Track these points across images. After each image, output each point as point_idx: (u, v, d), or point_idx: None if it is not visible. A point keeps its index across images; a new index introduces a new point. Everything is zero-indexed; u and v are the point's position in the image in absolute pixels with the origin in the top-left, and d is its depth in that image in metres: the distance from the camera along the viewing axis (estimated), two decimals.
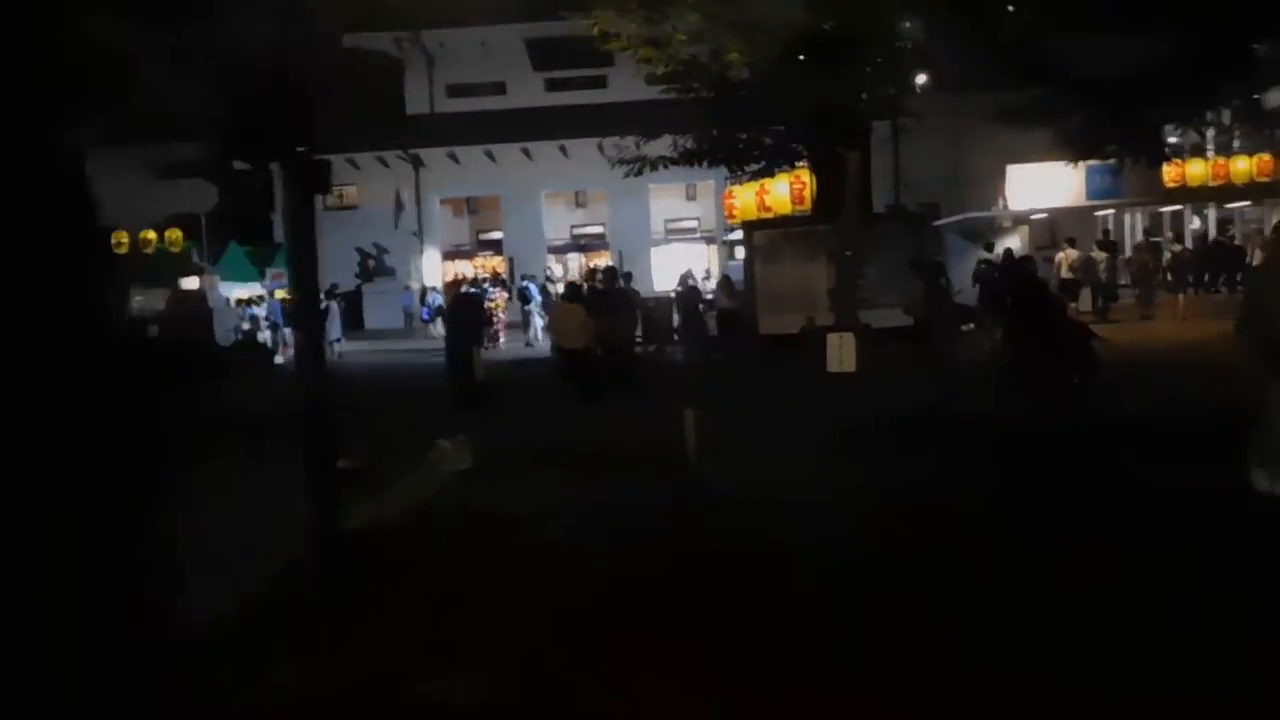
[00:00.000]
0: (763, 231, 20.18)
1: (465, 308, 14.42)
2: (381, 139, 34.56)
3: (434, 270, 35.91)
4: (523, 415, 13.42)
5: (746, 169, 20.60)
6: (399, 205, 33.46)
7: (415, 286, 32.92)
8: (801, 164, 20.65)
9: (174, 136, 36.04)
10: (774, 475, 9.01)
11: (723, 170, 33.15)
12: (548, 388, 15.99)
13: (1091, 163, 25.48)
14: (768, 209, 20.92)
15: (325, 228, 34.84)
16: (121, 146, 36.01)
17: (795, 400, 12.30)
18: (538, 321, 24.97)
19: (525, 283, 27.90)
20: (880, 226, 20.23)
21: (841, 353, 11.17)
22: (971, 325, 18.60)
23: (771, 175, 20.91)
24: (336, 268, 33.22)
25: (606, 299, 15.94)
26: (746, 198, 21.62)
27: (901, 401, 11.39)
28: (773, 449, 10.08)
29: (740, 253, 23.73)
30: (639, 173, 20.41)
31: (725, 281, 20.40)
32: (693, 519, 7.85)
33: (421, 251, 35.34)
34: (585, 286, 18.80)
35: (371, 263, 34.64)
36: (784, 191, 20.48)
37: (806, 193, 20.09)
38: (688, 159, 19.93)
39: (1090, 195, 26.07)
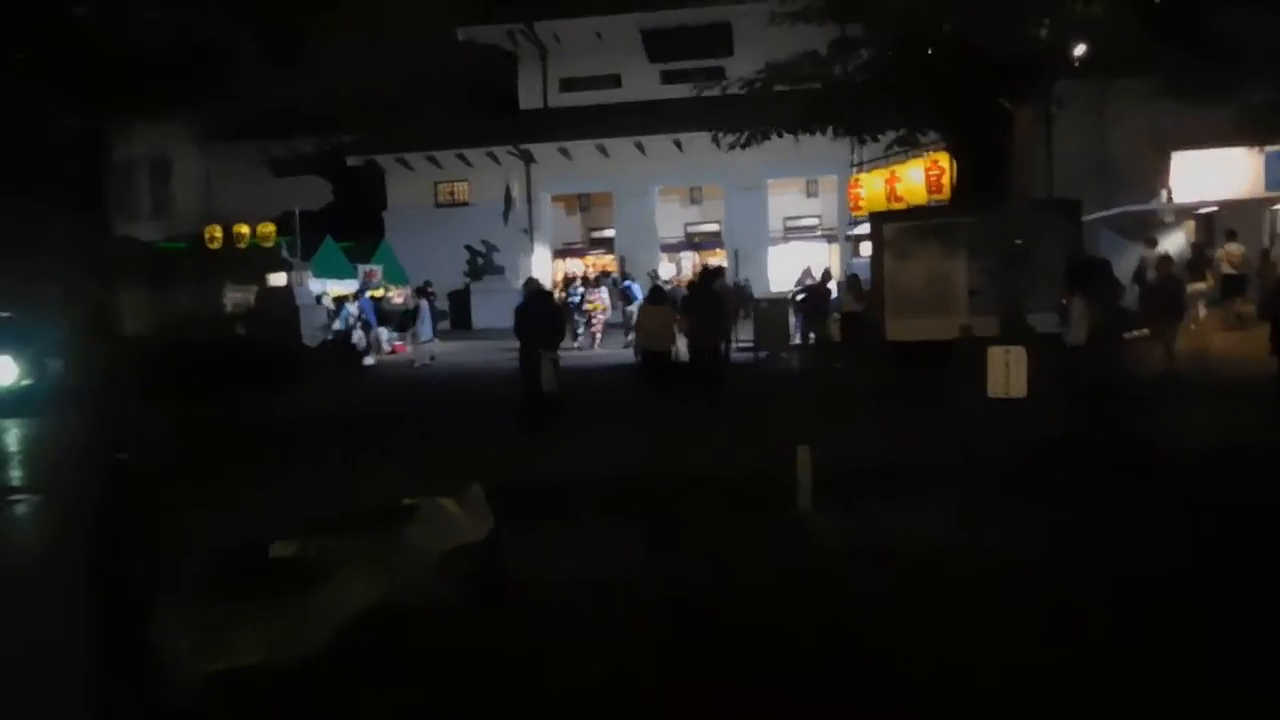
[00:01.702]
0: (894, 224, 17.27)
1: (534, 308, 12.01)
2: (494, 134, 32.75)
3: (544, 268, 33.82)
4: (590, 435, 11.00)
5: (880, 138, 17.67)
6: (509, 201, 31.39)
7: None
8: (937, 147, 17.77)
9: (291, 132, 35.29)
10: (928, 543, 6.40)
11: (846, 164, 30.77)
12: (632, 399, 13.60)
13: (1273, 148, 21.88)
14: (899, 198, 18.01)
15: (434, 224, 33.30)
16: (239, 142, 35.30)
17: (949, 428, 9.57)
18: None
19: (628, 282, 25.50)
20: (1030, 218, 17.11)
21: (1009, 372, 8.44)
22: (1144, 331, 15.46)
23: (904, 159, 18.01)
24: (445, 265, 31.50)
25: (699, 300, 14.18)
26: (874, 186, 18.74)
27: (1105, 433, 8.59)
28: (925, 498, 7.42)
29: (866, 249, 20.82)
30: (746, 144, 17.77)
31: (852, 281, 17.42)
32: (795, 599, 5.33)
33: (531, 249, 33.27)
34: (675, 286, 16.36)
35: (480, 260, 32.71)
36: (918, 178, 17.54)
37: (945, 179, 17.13)
38: (807, 120, 17.17)
39: (1271, 186, 22.27)
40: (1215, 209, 23.77)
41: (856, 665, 4.73)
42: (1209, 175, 22.63)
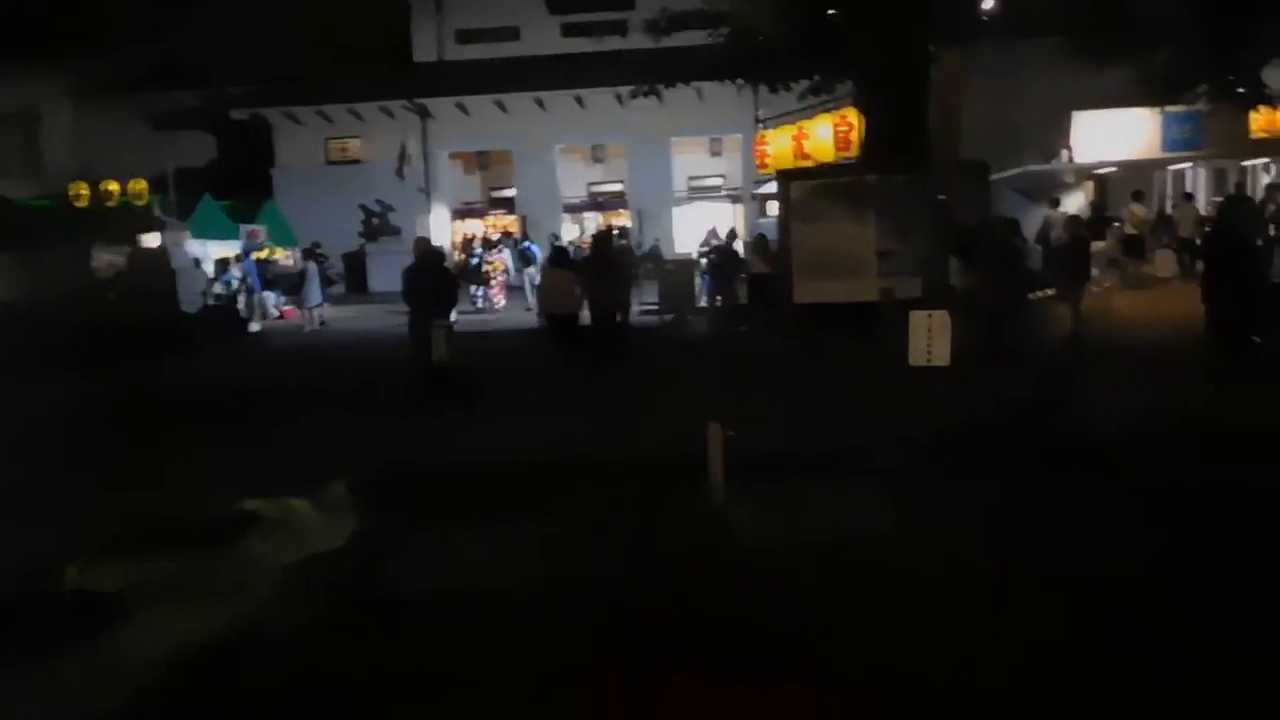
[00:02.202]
0: (802, 182, 16.59)
1: (424, 271, 10.98)
2: (386, 88, 31.15)
3: (442, 229, 32.46)
4: (485, 412, 10.12)
5: (787, 89, 16.88)
6: (403, 159, 29.92)
7: None
8: (845, 103, 17.12)
9: (173, 85, 33.09)
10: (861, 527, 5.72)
11: (752, 121, 30.06)
12: (532, 368, 12.75)
13: (1170, 109, 21.79)
14: (806, 156, 17.32)
15: (326, 183, 31.62)
16: (116, 96, 32.99)
17: (869, 400, 8.92)
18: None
19: (527, 243, 24.47)
20: (949, 177, 16.62)
21: (931, 339, 7.82)
22: (1050, 292, 15.12)
23: (811, 116, 17.32)
24: (339, 226, 29.96)
25: (598, 263, 13.59)
26: (781, 143, 18.02)
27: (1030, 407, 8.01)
28: (848, 480, 6.75)
29: (774, 209, 20.13)
30: (649, 93, 16.94)
31: (759, 241, 16.64)
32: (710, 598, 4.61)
33: (429, 209, 31.85)
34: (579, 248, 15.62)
35: (375, 221, 31.28)
36: (826, 135, 16.88)
37: (853, 136, 16.50)
38: (714, 67, 16.39)
39: (1166, 147, 22.21)
40: (1114, 170, 23.73)
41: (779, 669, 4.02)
42: (1108, 136, 22.45)
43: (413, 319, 10.91)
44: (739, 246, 19.39)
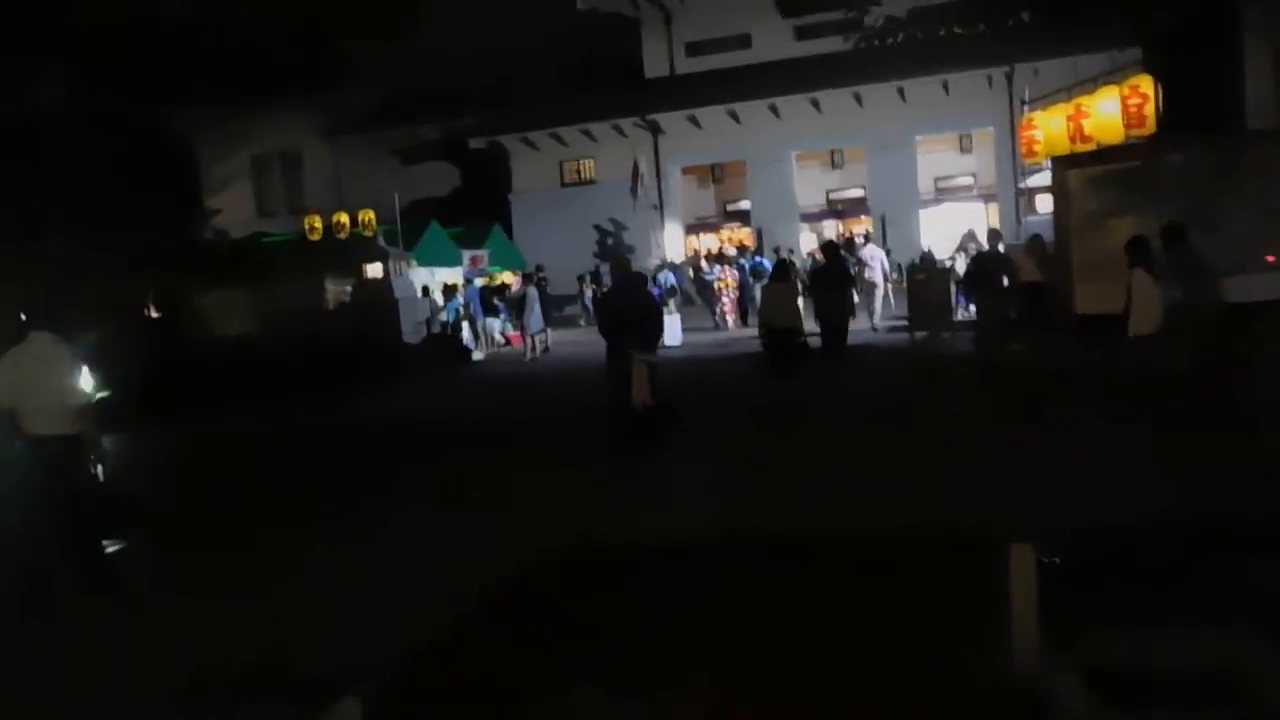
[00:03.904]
0: (1084, 169, 13.33)
1: (623, 297, 8.79)
2: (619, 106, 29.68)
3: (676, 245, 30.61)
4: (690, 470, 7.79)
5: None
6: (636, 176, 28.26)
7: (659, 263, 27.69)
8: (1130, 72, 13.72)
9: (417, 119, 33.09)
10: None
11: (1004, 112, 26.37)
12: (754, 405, 10.36)
13: None
14: (1087, 138, 13.98)
15: (562, 205, 30.46)
16: (367, 134, 33.35)
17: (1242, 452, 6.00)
18: None
19: (758, 258, 22.08)
20: (1262, 151, 12.95)
21: None
22: None
23: (1091, 90, 14.01)
24: (575, 247, 28.66)
25: (825, 276, 12.57)
26: (1053, 126, 14.73)
27: None
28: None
29: (1044, 204, 16.73)
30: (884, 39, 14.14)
31: (1034, 243, 13.38)
32: None
33: (662, 226, 30.07)
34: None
35: (610, 240, 29.75)
36: (1113, 110, 13.50)
37: (1148, 109, 13.07)
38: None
39: None
40: None
41: None
42: None
43: (610, 354, 8.78)
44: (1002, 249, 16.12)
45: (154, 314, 19.24)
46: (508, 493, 7.81)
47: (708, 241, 31.24)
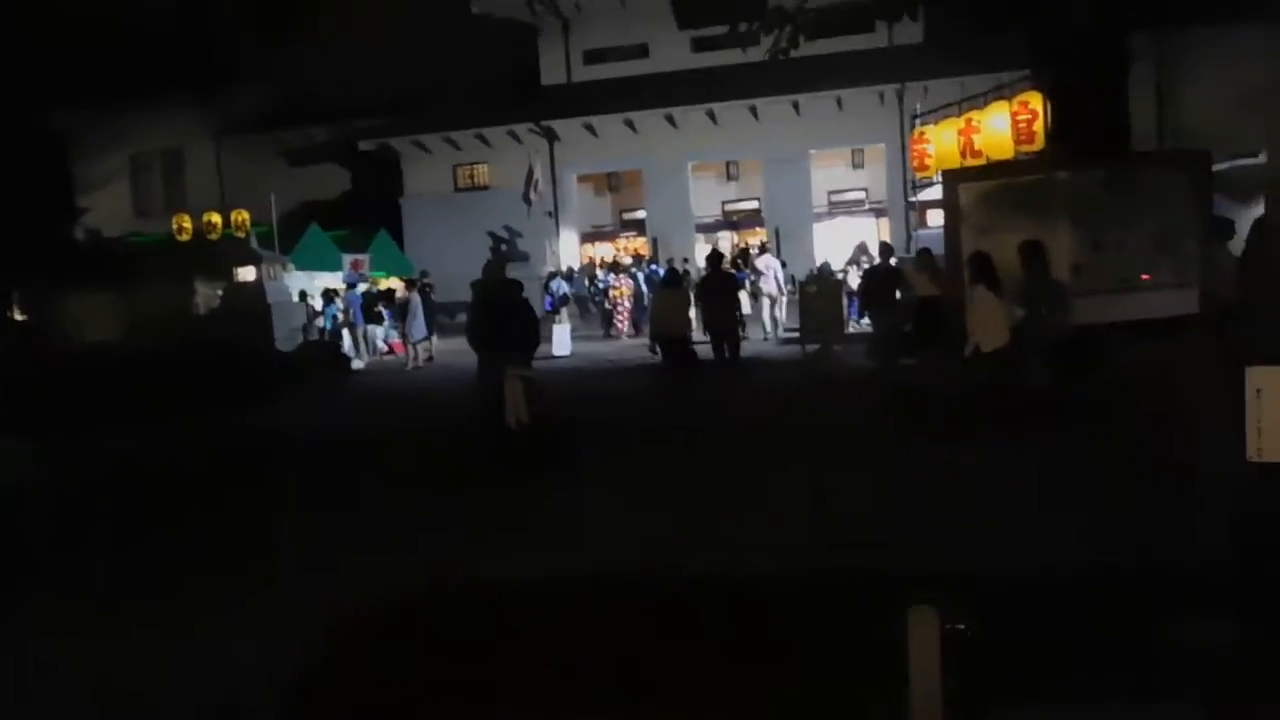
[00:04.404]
0: (975, 184, 13.08)
1: (496, 305, 8.00)
2: (513, 112, 28.82)
3: (571, 254, 29.91)
4: (569, 497, 7.05)
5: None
6: (531, 183, 27.42)
7: (552, 271, 26.92)
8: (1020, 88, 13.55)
9: (306, 121, 31.65)
10: None
11: (895, 129, 26.44)
12: (642, 419, 9.72)
13: None
14: (977, 153, 13.77)
15: (454, 211, 29.42)
16: (253, 134, 31.76)
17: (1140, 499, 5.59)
18: None
19: (654, 267, 21.55)
20: (1148, 172, 12.91)
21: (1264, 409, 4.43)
22: None
23: (981, 105, 13.80)
24: (467, 253, 27.61)
25: (712, 286, 12.26)
26: (944, 140, 14.51)
27: None
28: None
29: (934, 218, 16.53)
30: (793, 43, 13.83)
31: (923, 257, 12.99)
32: None
33: (557, 234, 29.32)
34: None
35: (503, 247, 28.82)
36: (1003, 126, 13.31)
37: (1037, 125, 12.90)
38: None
39: None
40: None
41: None
42: None
43: (481, 368, 8.00)
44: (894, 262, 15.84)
45: (19, 317, 17.77)
46: (350, 520, 6.97)
47: (603, 250, 30.61)
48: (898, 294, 12.32)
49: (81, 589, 5.66)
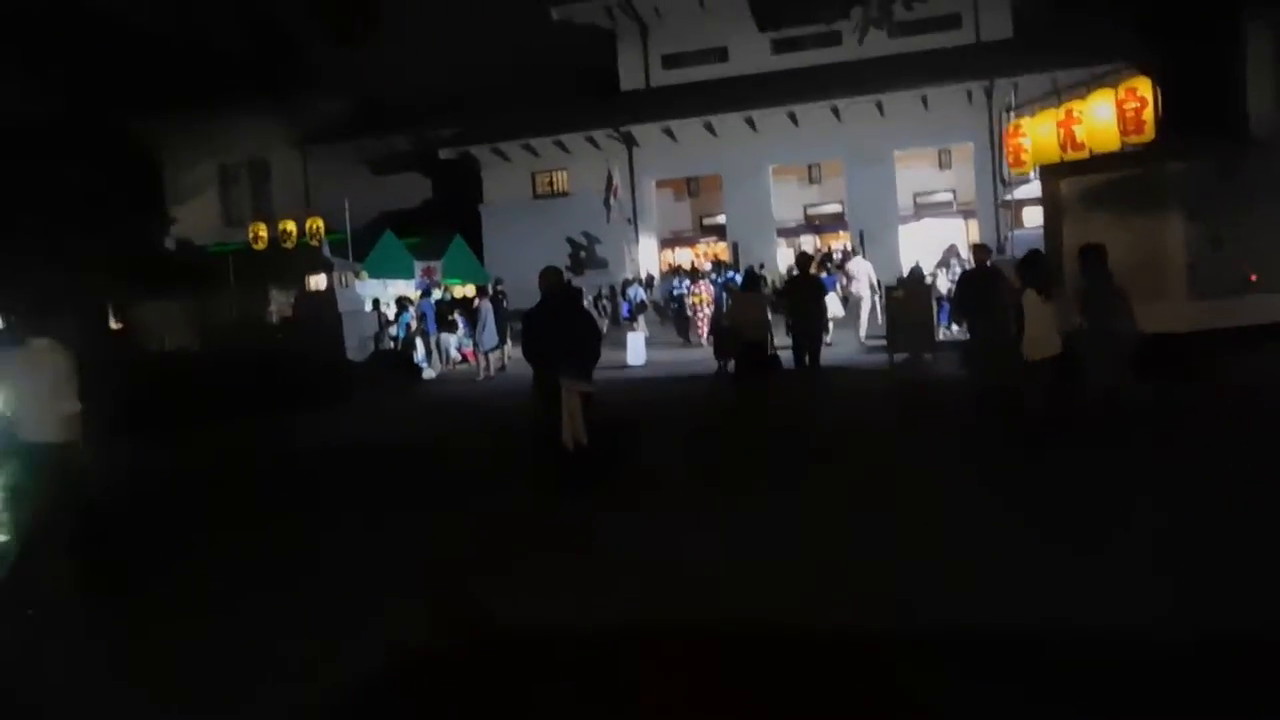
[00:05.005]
0: (1077, 178, 11.95)
1: (552, 315, 7.25)
2: (593, 118, 28.21)
3: (651, 260, 29.17)
4: (626, 533, 6.23)
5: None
6: (610, 189, 26.77)
7: (629, 278, 26.22)
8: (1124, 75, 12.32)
9: (390, 129, 31.56)
10: None
11: (984, 128, 25.08)
12: (715, 439, 8.89)
13: None
14: (1079, 145, 12.59)
15: (533, 217, 28.88)
16: (339, 143, 31.77)
17: None
18: None
19: (731, 273, 20.66)
20: (1266, 161, 11.61)
21: None
22: None
23: (1083, 94, 12.61)
24: (546, 260, 26.96)
25: (797, 289, 11.71)
26: (1041, 133, 13.33)
27: None
28: None
29: (1032, 217, 15.29)
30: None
31: (1034, 261, 11.73)
32: None
33: (636, 239, 28.60)
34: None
35: (582, 254, 28.29)
36: (1107, 115, 12.12)
37: (1146, 114, 11.69)
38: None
39: None
40: None
41: None
42: None
43: (537, 382, 7.25)
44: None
45: (116, 325, 17.75)
46: (400, 549, 6.31)
47: (683, 256, 29.79)
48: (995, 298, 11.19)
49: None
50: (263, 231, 19.60)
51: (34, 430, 5.68)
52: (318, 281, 16.79)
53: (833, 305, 16.27)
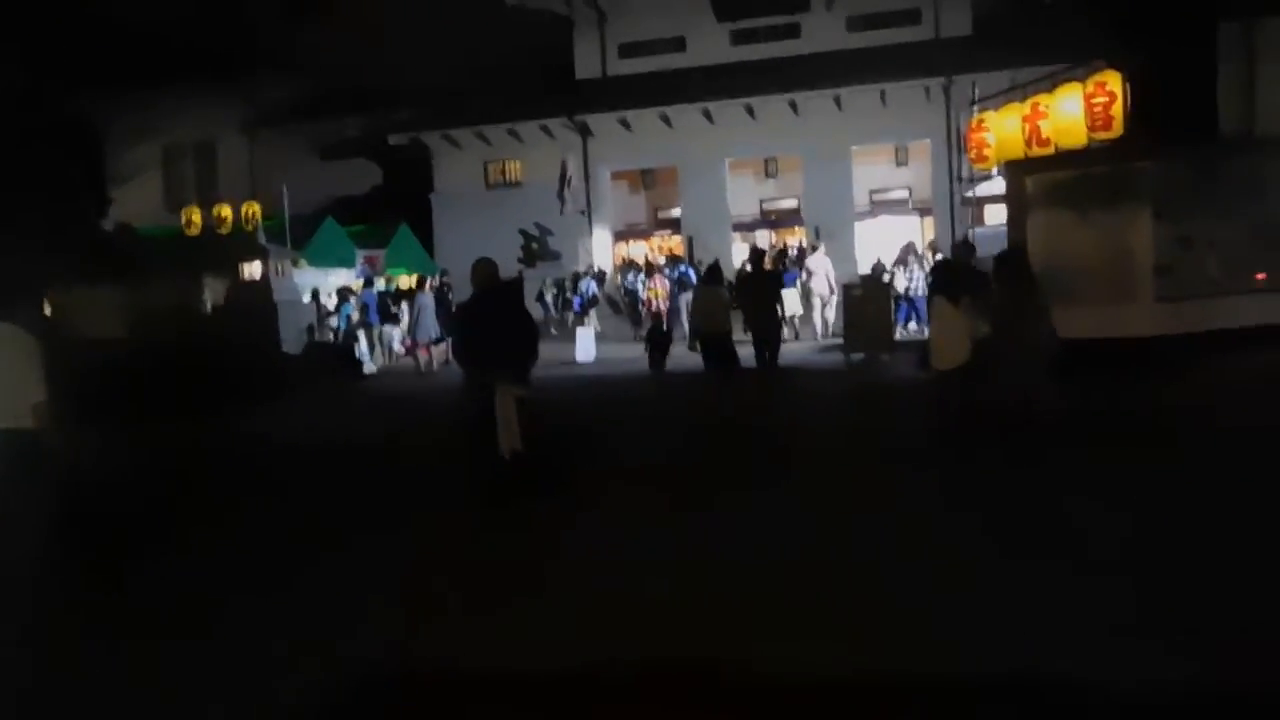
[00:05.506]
0: (1043, 175, 11.44)
1: (486, 311, 6.46)
2: (546, 106, 27.36)
3: (604, 253, 28.42)
4: (570, 551, 5.54)
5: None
6: (564, 180, 25.97)
7: (580, 271, 25.47)
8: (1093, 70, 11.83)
9: (340, 114, 30.48)
10: None
11: (941, 125, 24.63)
12: (667, 441, 8.24)
13: None
14: (1044, 141, 12.07)
15: (485, 207, 27.99)
16: (286, 127, 30.65)
17: None
18: None
19: (685, 267, 20.01)
20: (1236, 162, 11.20)
21: None
22: None
23: (1049, 88, 12.10)
24: (498, 251, 26.09)
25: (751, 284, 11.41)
26: (1006, 128, 12.81)
27: None
28: None
29: (994, 215, 14.78)
30: None
31: (1013, 259, 11.21)
32: None
33: (590, 231, 27.83)
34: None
35: (534, 245, 27.44)
36: (1074, 109, 11.60)
37: (1115, 110, 11.19)
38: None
39: None
40: None
41: None
42: None
43: (469, 385, 6.52)
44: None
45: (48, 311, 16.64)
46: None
47: (637, 249, 29.09)
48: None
49: None
50: (196, 217, 18.54)
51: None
52: (252, 270, 15.86)
53: (792, 302, 15.70)
